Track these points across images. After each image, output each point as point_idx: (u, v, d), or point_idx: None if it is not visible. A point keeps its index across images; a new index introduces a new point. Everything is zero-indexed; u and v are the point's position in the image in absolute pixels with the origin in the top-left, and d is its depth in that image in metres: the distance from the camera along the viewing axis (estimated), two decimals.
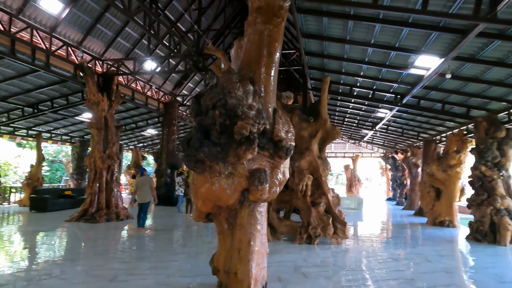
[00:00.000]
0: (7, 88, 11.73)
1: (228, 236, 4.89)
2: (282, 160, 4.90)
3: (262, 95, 4.94)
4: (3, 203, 16.79)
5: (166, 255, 6.84)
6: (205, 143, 4.55)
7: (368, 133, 18.89)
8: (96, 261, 6.34)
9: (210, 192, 4.64)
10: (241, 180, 4.65)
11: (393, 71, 8.58)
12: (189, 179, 14.85)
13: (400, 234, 10.22)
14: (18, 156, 24.68)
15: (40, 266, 5.94)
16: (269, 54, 5.07)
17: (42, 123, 16.30)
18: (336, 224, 8.56)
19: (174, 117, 17.75)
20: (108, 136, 12.08)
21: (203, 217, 5.00)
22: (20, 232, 9.42)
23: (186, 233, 9.85)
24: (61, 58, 10.85)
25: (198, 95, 5.00)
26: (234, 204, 4.76)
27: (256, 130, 4.55)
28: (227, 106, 4.55)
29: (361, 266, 6.42)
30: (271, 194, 4.75)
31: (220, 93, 4.58)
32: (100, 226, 10.38)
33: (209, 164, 4.58)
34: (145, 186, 9.30)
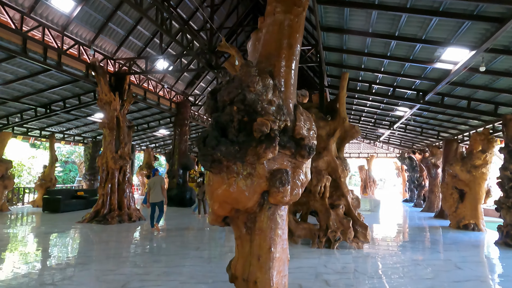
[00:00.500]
0: (20, 88, 11.67)
1: (247, 242, 4.55)
2: (305, 160, 4.54)
3: (282, 90, 4.59)
4: (17, 203, 16.85)
5: (179, 259, 6.55)
6: (222, 141, 4.22)
7: (385, 132, 18.33)
8: (108, 265, 6.09)
9: (227, 194, 4.31)
10: (261, 181, 4.31)
11: (416, 66, 8.13)
12: (197, 179, 14.58)
13: (422, 238, 9.72)
14: (32, 156, 24.90)
15: (51, 270, 5.71)
16: (289, 46, 4.72)
17: (55, 124, 16.29)
18: (356, 227, 8.14)
19: (186, 117, 17.55)
20: (120, 136, 11.91)
21: (219, 220, 4.67)
22: (33, 233, 9.29)
23: (199, 235, 9.56)
24: (73, 57, 10.72)
25: (214, 90, 4.68)
26: (253, 207, 4.42)
27: (277, 127, 4.21)
28: (246, 102, 4.21)
29: (387, 273, 5.99)
30: (293, 196, 4.39)
31: (238, 87, 4.25)
32: (112, 228, 10.19)
33: (226, 164, 4.25)
34: (156, 186, 9.48)
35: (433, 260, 6.99)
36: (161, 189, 9.48)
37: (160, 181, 9.61)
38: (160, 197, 9.47)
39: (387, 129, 16.15)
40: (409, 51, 7.48)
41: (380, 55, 7.97)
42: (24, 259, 6.58)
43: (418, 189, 20.12)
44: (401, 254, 7.58)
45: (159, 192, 9.46)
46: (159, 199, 9.46)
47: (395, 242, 9.14)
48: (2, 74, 10.43)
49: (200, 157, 4.28)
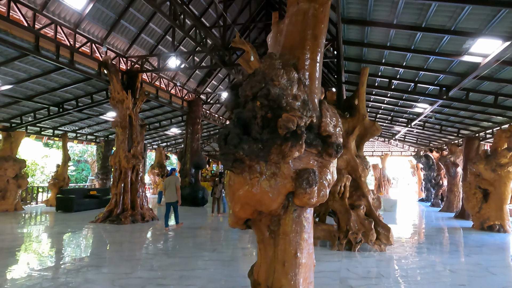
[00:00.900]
0: (33, 87, 11.61)
1: (270, 246, 4.27)
2: (332, 159, 4.23)
3: (307, 84, 4.29)
4: (31, 202, 16.92)
5: (196, 262, 6.32)
6: (245, 139, 3.94)
7: (401, 130, 17.83)
8: (122, 267, 5.89)
9: (250, 195, 4.03)
10: (286, 181, 4.02)
11: (442, 60, 7.72)
12: (216, 178, 14.36)
13: (446, 240, 9.32)
14: (45, 156, 25.08)
15: (66, 272, 5.54)
16: (314, 37, 4.41)
17: (67, 123, 16.28)
18: (378, 229, 7.79)
19: (198, 116, 17.36)
20: (133, 135, 11.76)
21: (241, 223, 4.40)
22: (47, 233, 9.20)
23: (213, 236, 9.33)
24: (85, 55, 10.59)
25: (234, 85, 4.41)
26: (277, 210, 4.13)
27: (304, 124, 3.92)
28: (270, 96, 3.92)
29: (416, 278, 5.65)
30: (320, 198, 4.09)
31: (262, 81, 3.96)
32: (125, 228, 10.04)
33: (249, 163, 3.97)
34: (171, 186, 9.55)
35: (463, 264, 6.61)
36: (175, 189, 9.50)
37: (175, 181, 9.62)
38: (175, 196, 9.52)
39: (404, 126, 15.67)
40: (435, 44, 7.08)
41: (404, 48, 7.58)
42: (38, 260, 6.44)
43: (435, 188, 19.56)
44: (426, 257, 7.21)
45: (174, 191, 9.50)
46: (174, 199, 9.51)
47: (418, 244, 8.75)
48: (15, 73, 10.36)
49: (221, 156, 4.01)
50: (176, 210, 9.80)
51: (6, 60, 9.41)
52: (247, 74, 4.50)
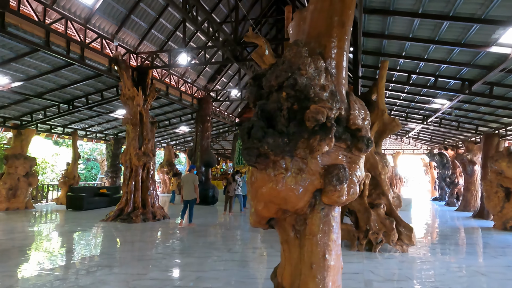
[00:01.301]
0: (43, 84, 11.49)
1: (295, 247, 4.00)
2: (362, 154, 3.95)
3: (334, 74, 4.01)
4: (41, 201, 16.89)
5: (212, 262, 6.08)
6: (269, 132, 3.67)
7: (415, 127, 17.39)
8: (136, 268, 5.68)
9: (274, 193, 3.76)
10: (313, 178, 3.74)
11: (467, 52, 7.35)
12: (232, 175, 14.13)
13: (469, 241, 8.95)
14: (55, 154, 25.13)
15: (76, 272, 5.34)
16: (342, 24, 4.12)
17: (77, 121, 16.19)
18: (400, 228, 7.46)
19: (208, 113, 17.13)
20: (144, 132, 11.58)
21: (263, 222, 4.13)
22: (57, 232, 9.05)
23: (228, 235, 9.09)
24: (96, 51, 10.41)
25: (257, 76, 4.14)
26: (304, 208, 3.86)
27: (333, 116, 3.64)
28: (296, 87, 3.65)
29: (445, 282, 5.33)
30: (350, 196, 3.80)
31: (288, 70, 3.69)
32: (136, 227, 9.86)
33: (274, 158, 3.71)
34: (188, 184, 9.59)
35: (491, 267, 6.25)
36: (193, 187, 9.55)
37: (193, 179, 9.67)
38: (192, 195, 9.57)
39: (420, 123, 15.25)
40: (461, 34, 6.72)
41: (427, 40, 7.24)
42: (49, 259, 6.25)
43: (450, 187, 19.06)
44: (452, 259, 6.87)
45: (191, 190, 9.54)
46: (191, 196, 9.57)
47: (439, 244, 8.40)
48: (26, 69, 10.23)
49: (244, 150, 3.74)
50: (191, 208, 9.80)
51: (16, 56, 9.27)
52: (270, 65, 4.23)
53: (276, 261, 6.48)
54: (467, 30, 6.52)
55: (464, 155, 15.74)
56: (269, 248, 7.43)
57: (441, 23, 6.46)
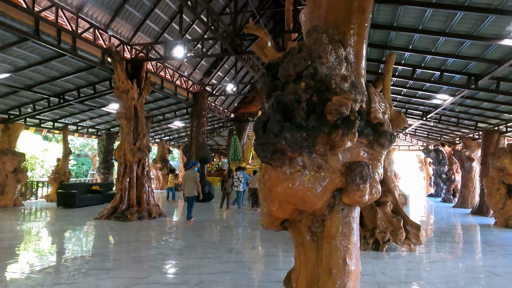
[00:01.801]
0: (32, 76, 10.95)
1: (311, 250, 3.70)
2: (384, 150, 3.66)
3: (353, 64, 3.71)
4: (30, 198, 16.32)
5: (214, 264, 5.76)
6: (287, 126, 3.35)
7: (413, 123, 17.26)
8: (134, 271, 5.33)
9: (290, 192, 3.44)
10: (334, 177, 3.43)
11: (478, 45, 7.11)
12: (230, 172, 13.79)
13: (474, 239, 8.80)
14: (45, 149, 24.40)
15: (70, 277, 4.97)
16: (361, 10, 3.79)
17: (68, 115, 15.63)
18: (407, 227, 7.24)
19: (203, 108, 16.75)
20: (138, 127, 11.16)
21: (277, 224, 3.81)
22: (49, 231, 8.62)
23: (227, 234, 8.79)
24: (88, 42, 9.93)
25: (270, 65, 3.81)
26: (322, 209, 3.56)
27: (357, 109, 3.35)
28: (317, 76, 3.32)
29: (460, 284, 5.12)
30: (373, 195, 3.52)
31: (308, 58, 3.36)
32: (131, 225, 9.48)
33: (290, 155, 3.40)
34: (190, 180, 9.57)
35: (504, 267, 6.06)
36: (194, 184, 9.55)
37: (194, 175, 9.67)
38: (194, 191, 9.56)
39: (419, 119, 15.09)
40: (474, 26, 6.47)
41: (437, 32, 6.97)
42: (40, 260, 5.85)
43: (446, 183, 19.05)
44: (461, 258, 6.67)
45: (192, 186, 9.54)
46: (193, 193, 9.57)
47: (445, 243, 8.22)
48: (14, 60, 9.70)
49: (259, 146, 3.40)
50: (191, 205, 9.76)
51: (3, 45, 8.74)
52: (283, 54, 3.90)
53: (280, 262, 6.21)
54: (480, 22, 6.27)
55: (463, 152, 15.66)
56: (271, 248, 7.15)
57: (454, 14, 6.19)
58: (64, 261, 5.89)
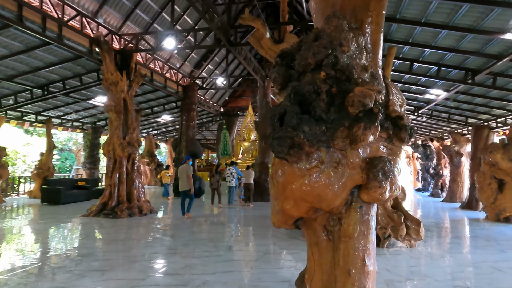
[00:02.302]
0: (14, 66, 10.35)
1: (327, 250, 3.51)
2: (403, 144, 3.50)
3: (371, 54, 3.52)
4: (11, 194, 15.62)
5: (214, 263, 5.54)
6: (305, 119, 3.13)
7: None
8: (131, 271, 5.05)
9: (307, 189, 3.22)
10: (354, 173, 3.24)
11: (478, 39, 7.06)
12: (215, 168, 13.49)
13: (470, 233, 8.86)
14: (27, 144, 23.44)
15: (62, 280, 4.64)
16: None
17: (52, 108, 14.97)
18: (407, 223, 7.17)
19: (194, 101, 16.33)
20: (128, 120, 10.75)
21: (290, 223, 3.60)
22: (34, 229, 8.19)
23: (221, 231, 8.55)
24: (75, 30, 9.42)
25: (285, 53, 3.57)
26: (340, 207, 3.38)
27: (381, 101, 3.16)
28: (338, 66, 3.11)
29: (467, 279, 5.06)
30: (393, 192, 3.36)
31: (328, 46, 3.13)
32: (122, 222, 9.14)
33: (308, 150, 3.19)
34: (184, 174, 9.59)
35: (505, 262, 6.05)
36: (187, 178, 9.55)
37: (187, 169, 9.67)
38: (187, 185, 9.57)
39: (410, 114, 15.15)
40: (478, 19, 6.39)
41: (440, 25, 6.87)
42: (27, 261, 5.47)
43: (435, 178, 19.31)
44: (461, 253, 6.67)
45: (186, 180, 9.57)
46: (187, 187, 9.58)
47: (442, 238, 8.23)
48: None
49: (275, 140, 3.17)
50: (191, 199, 9.87)
51: None
52: (297, 42, 3.66)
53: (282, 260, 6.02)
54: (485, 15, 6.19)
55: (452, 147, 15.85)
56: (270, 245, 6.98)
57: (459, 6, 6.09)
58: (55, 262, 5.54)
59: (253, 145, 19.61)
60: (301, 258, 5.96)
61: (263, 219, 10.18)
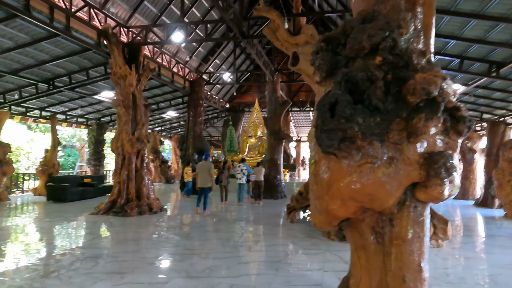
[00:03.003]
0: (19, 59, 10.01)
1: (376, 255, 3.19)
2: (461, 138, 3.19)
3: (422, 38, 3.19)
4: (16, 191, 15.33)
5: (238, 265, 5.24)
6: (359, 110, 2.82)
7: None
8: (151, 275, 4.75)
9: (357, 187, 2.90)
10: (410, 169, 2.91)
11: (509, 28, 6.72)
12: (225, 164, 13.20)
13: (492, 232, 8.55)
14: (31, 140, 23.10)
15: (81, 283, 4.34)
16: None
17: (56, 103, 14.63)
18: (434, 222, 6.86)
19: (201, 97, 15.99)
20: (137, 115, 10.43)
21: (335, 224, 3.28)
22: (42, 229, 7.88)
23: (236, 229, 8.25)
24: (83, 22, 9.07)
25: (329, 38, 3.24)
26: (392, 207, 3.07)
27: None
28: (396, 50, 2.80)
29: (509, 283, 4.76)
30: (453, 191, 3.05)
31: (385, 28, 2.80)
32: (132, 221, 8.84)
33: (360, 143, 2.88)
34: (204, 172, 9.61)
35: None
36: (209, 175, 9.60)
37: (208, 166, 9.70)
38: (208, 182, 9.59)
39: None
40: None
41: (469, 14, 6.54)
42: (37, 263, 5.17)
43: None
44: (492, 254, 6.36)
45: (206, 177, 9.57)
46: (206, 184, 9.60)
47: (466, 237, 7.93)
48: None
49: (324, 133, 2.83)
50: (206, 196, 9.86)
51: None
52: (342, 27, 3.33)
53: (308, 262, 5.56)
54: None
55: (464, 143, 15.54)
56: (290, 245, 6.67)
57: None
58: (69, 263, 5.24)
59: (260, 141, 19.25)
60: (327, 259, 5.66)
61: (276, 217, 9.89)
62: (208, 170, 9.66)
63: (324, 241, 6.96)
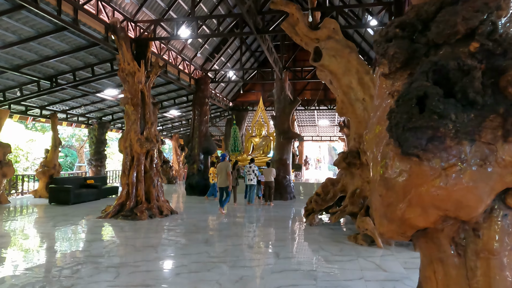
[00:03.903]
0: (22, 54, 9.49)
1: (457, 269, 2.80)
2: None
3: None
4: (15, 193, 14.74)
5: (271, 274, 4.84)
6: (451, 104, 2.44)
7: None
8: (179, 286, 4.34)
9: (442, 194, 2.50)
10: (505, 172, 2.55)
11: None
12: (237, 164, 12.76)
13: None
14: (30, 140, 22.42)
15: None
16: None
17: (58, 101, 14.08)
18: None
19: (206, 95, 15.54)
20: (146, 114, 9.97)
21: (410, 234, 2.86)
22: (48, 235, 7.39)
23: (257, 233, 7.86)
24: (90, 15, 8.61)
25: (405, 24, 2.85)
26: (480, 215, 2.71)
27: None
28: (494, 35, 2.42)
29: None
30: None
31: (484, 9, 2.42)
32: (144, 225, 8.41)
33: (449, 143, 2.50)
34: (223, 171, 9.99)
35: None
36: (226, 175, 9.93)
37: (226, 166, 10.04)
38: (226, 182, 9.92)
39: None
40: None
41: None
42: (59, 274, 4.72)
43: None
44: None
45: (226, 177, 9.92)
46: (226, 184, 9.94)
47: None
48: (2, 34, 8.24)
49: (408, 132, 2.43)
50: (228, 195, 10.18)
51: None
52: (415, 11, 2.95)
53: (347, 270, 4.91)
54: None
55: None
56: (321, 251, 6.28)
57: None
58: (89, 275, 4.79)
59: (264, 141, 18.87)
60: (363, 266, 5.30)
61: (292, 219, 9.56)
62: (225, 170, 10.00)
63: (352, 246, 6.60)
